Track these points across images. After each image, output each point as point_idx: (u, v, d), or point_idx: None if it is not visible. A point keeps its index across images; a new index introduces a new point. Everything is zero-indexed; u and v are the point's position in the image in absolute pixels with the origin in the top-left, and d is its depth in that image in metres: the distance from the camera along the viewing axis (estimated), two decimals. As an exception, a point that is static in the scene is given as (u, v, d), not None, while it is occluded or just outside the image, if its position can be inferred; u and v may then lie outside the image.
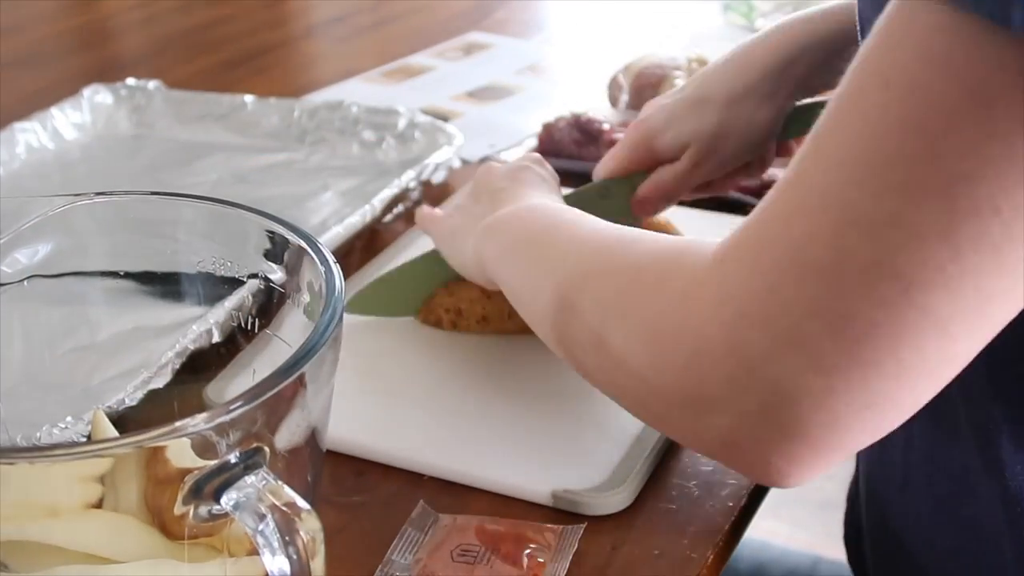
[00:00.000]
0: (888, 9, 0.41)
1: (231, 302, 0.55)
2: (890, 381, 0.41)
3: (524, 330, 0.72)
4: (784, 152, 0.79)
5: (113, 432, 0.51)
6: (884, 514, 0.64)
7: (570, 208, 0.62)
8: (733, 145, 0.74)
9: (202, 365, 0.62)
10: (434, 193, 0.94)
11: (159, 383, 0.62)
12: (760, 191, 0.89)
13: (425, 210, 0.76)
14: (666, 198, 0.76)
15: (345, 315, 0.77)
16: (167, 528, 0.42)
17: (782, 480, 0.45)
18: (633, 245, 0.53)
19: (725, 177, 0.78)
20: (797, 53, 0.73)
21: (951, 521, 0.57)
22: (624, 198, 0.75)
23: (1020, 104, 0.38)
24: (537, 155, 0.73)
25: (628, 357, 0.49)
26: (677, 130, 0.74)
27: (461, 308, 0.72)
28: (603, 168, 0.77)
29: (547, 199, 0.66)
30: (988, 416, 0.52)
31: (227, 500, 0.39)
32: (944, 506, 0.58)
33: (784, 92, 0.74)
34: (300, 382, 0.41)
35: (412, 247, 0.83)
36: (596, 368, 0.53)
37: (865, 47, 0.42)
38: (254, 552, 0.39)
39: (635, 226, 0.77)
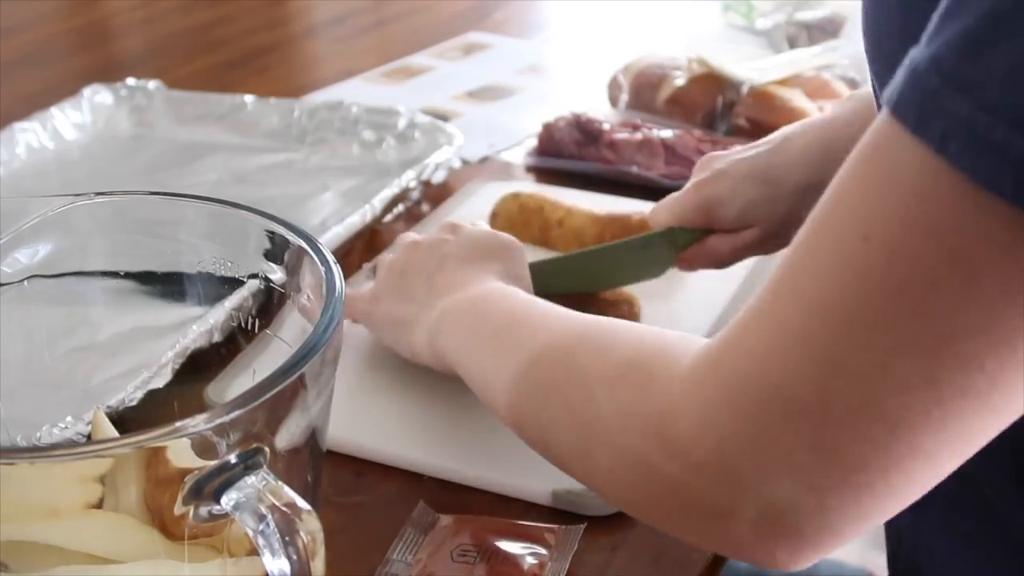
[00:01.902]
0: (873, 137, 0.40)
1: (231, 302, 0.55)
2: (881, 498, 0.42)
3: None
4: None
5: (113, 432, 0.51)
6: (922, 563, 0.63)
7: (520, 295, 0.62)
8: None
9: (202, 365, 0.62)
10: (434, 193, 0.94)
11: (159, 383, 0.62)
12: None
13: (354, 298, 0.71)
14: (716, 264, 0.75)
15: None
16: (167, 528, 0.42)
17: (790, 566, 0.46)
18: (605, 339, 0.52)
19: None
20: None
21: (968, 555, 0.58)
22: (665, 251, 0.74)
23: (1003, 274, 0.37)
24: (450, 223, 0.71)
25: (613, 467, 0.49)
26: (743, 207, 0.72)
27: None
28: (656, 216, 0.76)
29: (488, 278, 0.65)
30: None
31: (227, 500, 0.39)
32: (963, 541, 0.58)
33: None
34: (300, 382, 0.41)
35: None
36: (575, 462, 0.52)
37: (846, 175, 0.41)
38: (254, 552, 0.39)
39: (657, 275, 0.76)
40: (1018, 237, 0.36)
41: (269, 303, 0.51)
